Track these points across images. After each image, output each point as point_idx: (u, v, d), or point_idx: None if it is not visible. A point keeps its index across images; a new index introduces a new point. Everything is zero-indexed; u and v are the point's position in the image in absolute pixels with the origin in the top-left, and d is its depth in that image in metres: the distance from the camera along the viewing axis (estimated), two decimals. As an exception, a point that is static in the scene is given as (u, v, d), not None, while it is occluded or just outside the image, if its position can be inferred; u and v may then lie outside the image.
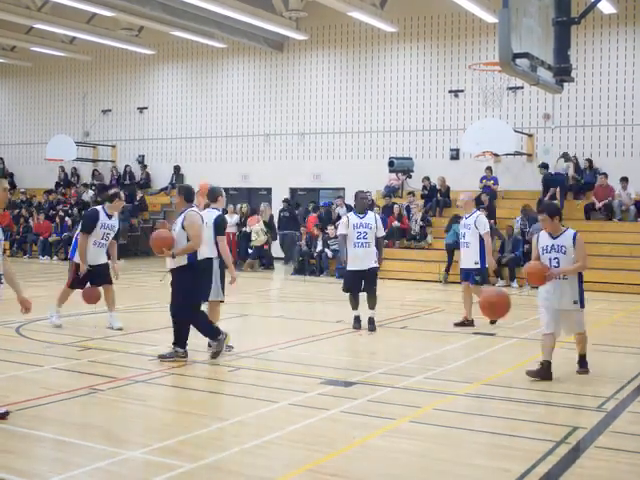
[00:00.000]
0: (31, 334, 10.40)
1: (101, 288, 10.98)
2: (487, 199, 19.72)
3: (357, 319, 11.29)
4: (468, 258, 11.61)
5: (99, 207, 11.06)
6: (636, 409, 7.02)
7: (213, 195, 9.56)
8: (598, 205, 19.44)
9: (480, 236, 11.44)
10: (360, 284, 11.25)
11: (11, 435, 5.95)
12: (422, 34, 22.87)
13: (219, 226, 9.21)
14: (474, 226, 11.45)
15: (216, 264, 9.17)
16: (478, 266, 11.51)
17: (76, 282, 10.95)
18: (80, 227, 11.01)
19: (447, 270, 18.48)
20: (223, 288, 9.42)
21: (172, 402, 7.11)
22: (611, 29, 20.50)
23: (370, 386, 7.68)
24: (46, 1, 23.09)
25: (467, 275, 11.64)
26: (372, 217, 11.30)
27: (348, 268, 11.19)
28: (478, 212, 11.88)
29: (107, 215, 10.89)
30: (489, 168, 20.92)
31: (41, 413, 6.60)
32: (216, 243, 9.14)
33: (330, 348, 10.09)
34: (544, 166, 20.14)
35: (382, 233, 11.46)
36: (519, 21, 7.00)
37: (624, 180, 19.40)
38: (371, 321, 11.15)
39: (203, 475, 5.24)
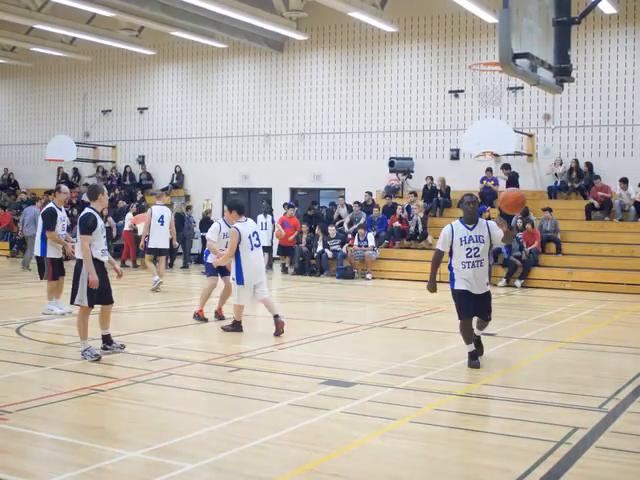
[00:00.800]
0: (31, 334, 10.40)
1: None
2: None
3: (474, 355, 8.80)
4: None
5: (52, 204, 12.21)
6: (636, 409, 7.02)
7: (93, 193, 9.07)
8: (597, 205, 19.49)
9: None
10: (473, 308, 8.71)
11: (11, 435, 5.95)
12: (422, 34, 22.88)
13: (82, 224, 8.70)
14: None
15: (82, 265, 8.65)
16: None
17: (55, 274, 12.00)
18: (45, 226, 11.90)
19: None
20: (90, 293, 8.63)
21: (172, 402, 7.10)
22: (611, 29, 20.50)
23: (370, 386, 7.67)
24: (46, 1, 23.10)
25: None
26: (484, 226, 8.69)
27: (456, 287, 8.71)
28: None
29: (59, 209, 12.10)
30: (489, 169, 20.92)
31: (41, 413, 6.60)
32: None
33: (330, 348, 10.09)
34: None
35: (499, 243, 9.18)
36: (519, 21, 6.99)
37: (623, 181, 19.42)
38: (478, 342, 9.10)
39: (203, 475, 5.24)
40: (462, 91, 22.27)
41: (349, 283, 18.86)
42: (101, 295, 8.78)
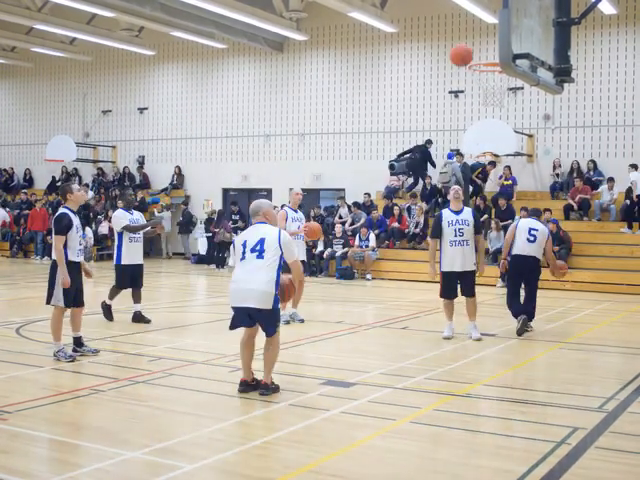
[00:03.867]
0: (31, 334, 10.40)
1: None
2: (504, 201, 19.66)
3: None
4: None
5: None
6: (636, 410, 7.02)
7: (61, 193, 8.98)
8: (575, 207, 19.61)
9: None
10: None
11: (11, 435, 5.95)
12: (422, 34, 22.87)
13: (57, 224, 8.64)
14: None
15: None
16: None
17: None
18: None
19: None
20: (66, 293, 8.65)
21: (172, 403, 7.10)
22: (611, 30, 20.50)
23: (370, 387, 7.67)
24: (46, 1, 23.10)
25: None
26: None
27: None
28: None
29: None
30: (508, 167, 20.86)
31: (41, 414, 6.60)
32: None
33: (330, 349, 10.09)
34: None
35: None
36: (519, 22, 6.99)
37: (611, 180, 19.51)
38: None
39: (203, 475, 5.24)
40: (462, 91, 22.28)
41: (349, 283, 18.85)
42: (76, 297, 8.74)
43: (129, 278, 11.70)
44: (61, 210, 8.76)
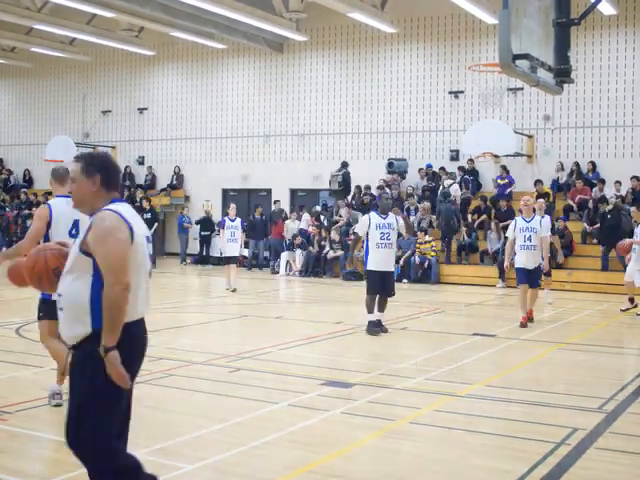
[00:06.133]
0: (31, 335, 10.39)
1: None
2: (506, 203, 19.63)
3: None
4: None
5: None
6: (636, 410, 7.02)
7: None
8: (573, 205, 19.65)
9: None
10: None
11: (10, 436, 5.95)
12: (422, 35, 22.88)
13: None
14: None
15: None
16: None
17: None
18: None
19: None
20: None
21: (172, 403, 7.10)
22: (611, 30, 20.50)
23: (370, 387, 7.67)
24: (46, 2, 23.10)
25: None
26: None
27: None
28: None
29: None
30: (504, 167, 20.85)
31: (41, 414, 6.60)
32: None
33: (330, 349, 10.09)
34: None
35: None
36: (519, 22, 6.99)
37: (601, 182, 19.54)
38: None
39: (203, 476, 5.24)
40: (462, 92, 22.28)
41: (351, 284, 18.82)
42: None
43: (379, 284, 10.99)
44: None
